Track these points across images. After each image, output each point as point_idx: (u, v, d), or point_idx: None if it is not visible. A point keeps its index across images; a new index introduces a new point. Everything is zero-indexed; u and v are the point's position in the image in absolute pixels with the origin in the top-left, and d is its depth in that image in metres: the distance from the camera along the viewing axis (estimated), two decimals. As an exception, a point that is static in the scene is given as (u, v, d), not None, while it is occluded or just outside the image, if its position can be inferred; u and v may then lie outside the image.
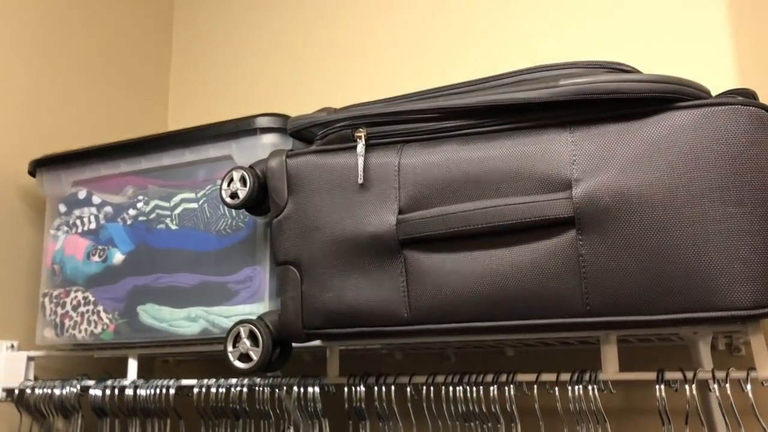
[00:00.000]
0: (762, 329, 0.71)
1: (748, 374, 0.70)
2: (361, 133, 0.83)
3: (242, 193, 0.90)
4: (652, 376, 0.74)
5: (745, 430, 0.71)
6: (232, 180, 0.91)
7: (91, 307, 1.07)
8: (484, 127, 0.77)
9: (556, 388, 0.78)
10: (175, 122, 1.54)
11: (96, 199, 1.10)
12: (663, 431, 0.74)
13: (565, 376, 0.78)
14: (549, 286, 0.71)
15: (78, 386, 1.07)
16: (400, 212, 0.79)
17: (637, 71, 0.76)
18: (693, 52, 1.08)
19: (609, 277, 0.69)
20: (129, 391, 1.03)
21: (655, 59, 1.10)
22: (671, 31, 1.10)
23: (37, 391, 1.10)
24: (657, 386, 0.74)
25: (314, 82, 1.40)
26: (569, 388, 0.77)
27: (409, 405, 0.86)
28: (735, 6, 1.06)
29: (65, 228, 1.11)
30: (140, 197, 1.06)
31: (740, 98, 0.68)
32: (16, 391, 1.12)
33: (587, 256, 0.70)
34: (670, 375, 0.74)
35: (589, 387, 0.76)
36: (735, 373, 0.71)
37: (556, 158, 0.72)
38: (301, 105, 1.11)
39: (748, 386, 0.70)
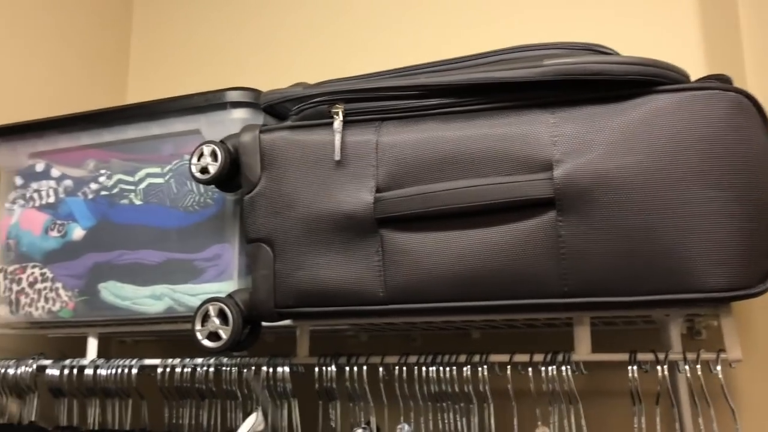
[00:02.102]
0: (732, 312, 0.73)
1: (718, 356, 0.72)
2: (338, 109, 0.81)
3: (213, 169, 0.87)
4: (624, 357, 0.75)
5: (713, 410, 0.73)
6: (202, 155, 0.88)
7: (49, 284, 1.03)
8: (464, 105, 0.76)
9: (529, 369, 0.79)
10: (135, 95, 1.49)
11: (55, 172, 1.05)
12: (634, 412, 0.75)
13: (538, 357, 0.78)
14: (527, 267, 0.71)
15: (34, 366, 1.03)
16: (378, 191, 0.78)
17: (616, 53, 0.76)
18: (662, 37, 1.09)
19: (587, 258, 0.69)
20: (89, 371, 1.00)
21: (623, 43, 1.10)
22: (640, 15, 1.11)
23: (-10, 370, 1.05)
24: (630, 367, 0.74)
25: (283, 56, 1.37)
26: (542, 368, 0.78)
27: (381, 386, 0.85)
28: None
29: (21, 201, 1.07)
30: (102, 171, 1.02)
31: (719, 83, 0.69)
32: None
33: (566, 237, 0.70)
34: (642, 356, 0.75)
35: (563, 368, 0.77)
36: (705, 355, 0.73)
37: (537, 139, 0.72)
38: (269, 81, 1.08)
39: (719, 367, 0.71)
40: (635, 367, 0.74)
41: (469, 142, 0.74)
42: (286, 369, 0.89)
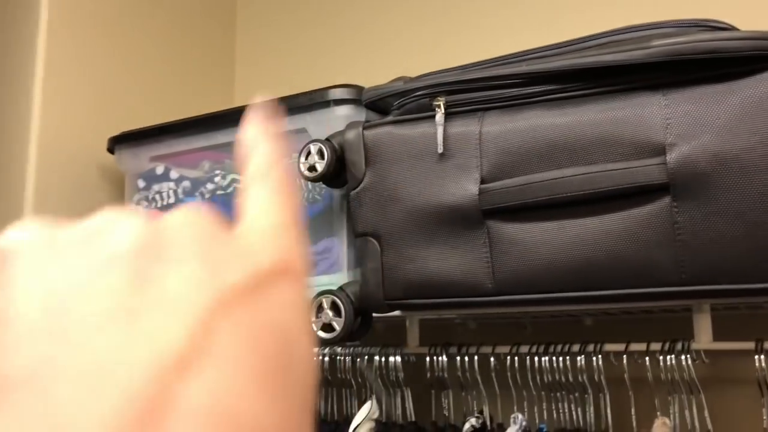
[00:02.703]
0: None
1: None
2: (440, 101, 0.81)
3: (320, 166, 0.90)
4: (750, 345, 0.72)
5: None
6: (309, 153, 0.91)
7: (173, 279, 1.09)
8: (570, 91, 0.74)
9: (647, 358, 0.77)
10: (242, 97, 1.55)
11: (174, 174, 1.12)
12: (761, 403, 0.71)
13: (655, 346, 0.76)
14: (642, 255, 0.69)
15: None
16: (483, 182, 0.78)
17: (733, 28, 0.72)
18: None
19: (706, 245, 0.66)
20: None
21: (748, 15, 1.04)
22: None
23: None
24: (756, 357, 0.71)
25: (384, 50, 1.38)
26: (660, 357, 0.76)
27: (493, 375, 0.85)
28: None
29: (145, 203, 1.14)
30: (217, 171, 1.07)
31: None
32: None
33: (683, 223, 0.67)
34: (769, 344, 0.71)
35: (682, 357, 0.74)
36: (841, 343, 0.68)
37: (648, 122, 0.69)
38: (368, 75, 1.10)
39: None
40: (762, 356, 0.71)
41: (576, 128, 0.73)
42: (398, 358, 0.91)
